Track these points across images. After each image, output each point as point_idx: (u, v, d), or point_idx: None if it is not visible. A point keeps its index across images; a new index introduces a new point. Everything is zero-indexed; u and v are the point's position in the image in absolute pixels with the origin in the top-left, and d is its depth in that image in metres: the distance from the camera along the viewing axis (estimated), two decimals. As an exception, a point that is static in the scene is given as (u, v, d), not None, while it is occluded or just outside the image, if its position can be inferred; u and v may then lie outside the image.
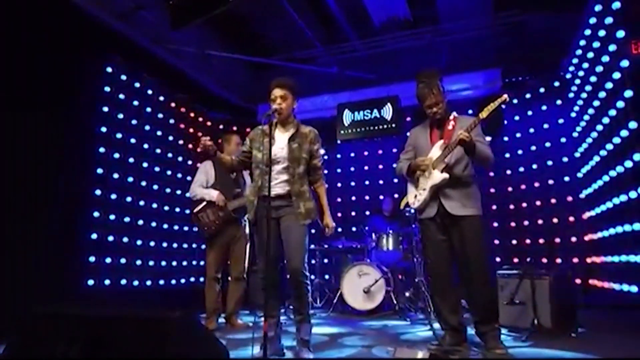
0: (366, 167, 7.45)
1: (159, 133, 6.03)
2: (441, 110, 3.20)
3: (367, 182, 7.38)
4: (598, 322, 4.19)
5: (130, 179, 5.45)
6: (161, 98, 6.17)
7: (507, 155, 6.44)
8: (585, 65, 5.14)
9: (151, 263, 5.63)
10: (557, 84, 6.24)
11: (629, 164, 3.94)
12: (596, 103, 4.77)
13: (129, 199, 5.37)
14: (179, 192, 6.22)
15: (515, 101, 6.42)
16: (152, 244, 5.67)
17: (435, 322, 3.58)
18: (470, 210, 3.07)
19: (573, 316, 3.70)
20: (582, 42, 5.19)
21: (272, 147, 2.91)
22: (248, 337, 3.77)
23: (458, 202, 3.07)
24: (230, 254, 4.43)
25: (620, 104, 4.07)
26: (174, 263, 6.06)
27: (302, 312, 2.95)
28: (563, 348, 3.15)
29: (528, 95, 6.43)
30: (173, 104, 6.42)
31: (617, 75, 4.12)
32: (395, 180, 6.67)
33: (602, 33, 4.47)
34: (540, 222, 6.07)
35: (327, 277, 6.32)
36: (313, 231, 3.07)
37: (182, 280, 6.18)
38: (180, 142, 6.47)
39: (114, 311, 1.69)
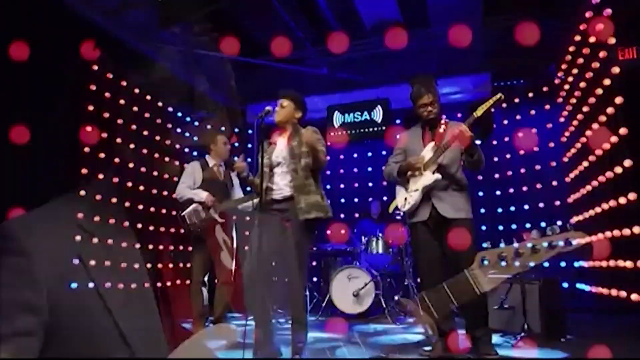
0: (355, 170, 7.41)
1: (145, 133, 5.90)
2: (436, 110, 3.20)
3: (356, 185, 7.33)
4: (587, 326, 4.22)
5: (116, 180, 5.32)
6: (148, 97, 6.05)
7: (496, 159, 6.45)
8: (575, 71, 5.16)
9: (136, 266, 5.49)
10: (545, 89, 6.27)
11: (618, 169, 3.96)
12: (585, 109, 4.78)
13: (114, 200, 5.24)
14: (165, 193, 6.09)
15: (504, 105, 6.42)
16: (137, 246, 5.54)
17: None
18: (462, 213, 3.08)
19: (562, 321, 3.71)
20: (572, 48, 5.22)
21: (274, 152, 2.92)
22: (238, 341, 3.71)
23: (450, 205, 3.08)
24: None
25: (610, 110, 4.09)
26: (159, 266, 5.93)
27: (299, 320, 2.90)
28: (553, 352, 3.15)
29: (517, 100, 6.45)
30: (160, 103, 6.31)
31: (607, 81, 4.14)
32: (384, 183, 6.64)
33: (592, 39, 4.49)
34: (528, 225, 6.10)
35: (315, 280, 6.26)
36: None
37: (168, 284, 6.06)
38: (167, 142, 6.35)
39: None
